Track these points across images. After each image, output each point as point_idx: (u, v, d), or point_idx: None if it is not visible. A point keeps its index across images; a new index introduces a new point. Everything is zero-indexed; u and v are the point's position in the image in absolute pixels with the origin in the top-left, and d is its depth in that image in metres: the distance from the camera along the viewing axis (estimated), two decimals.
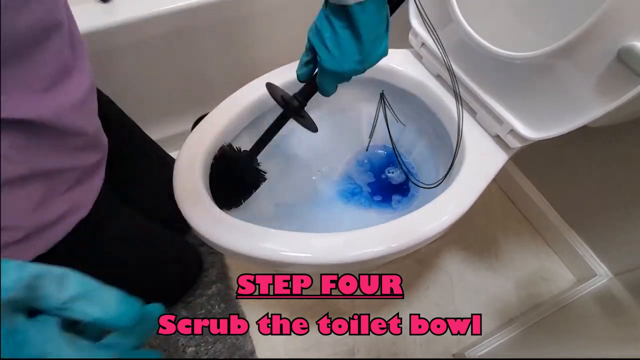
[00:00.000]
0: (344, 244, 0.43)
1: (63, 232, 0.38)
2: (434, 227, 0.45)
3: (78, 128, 0.35)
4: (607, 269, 0.76)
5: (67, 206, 0.37)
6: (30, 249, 0.35)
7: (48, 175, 0.34)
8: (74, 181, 0.38)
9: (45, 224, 0.35)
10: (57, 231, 0.37)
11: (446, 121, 0.56)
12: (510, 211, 0.91)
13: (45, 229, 0.36)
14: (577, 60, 0.40)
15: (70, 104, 0.33)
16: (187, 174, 0.48)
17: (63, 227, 0.38)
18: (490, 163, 0.50)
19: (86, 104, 0.36)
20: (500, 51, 0.45)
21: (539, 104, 0.46)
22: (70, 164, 0.36)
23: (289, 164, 0.67)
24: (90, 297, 0.17)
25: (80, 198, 0.39)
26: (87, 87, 0.36)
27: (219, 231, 0.43)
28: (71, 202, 0.38)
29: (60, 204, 0.36)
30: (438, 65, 0.57)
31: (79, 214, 0.39)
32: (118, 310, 0.17)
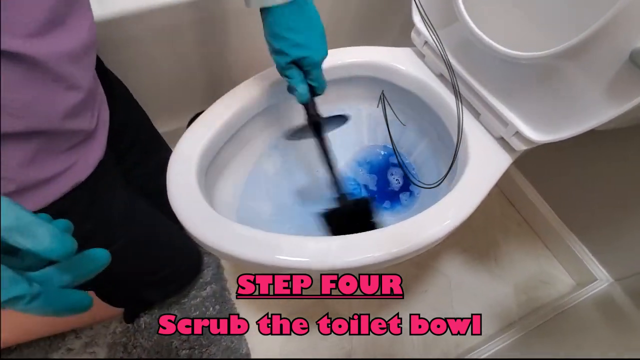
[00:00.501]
0: (341, 248, 0.41)
1: (57, 192, 0.39)
2: (436, 232, 0.43)
3: (74, 79, 0.35)
4: (608, 273, 0.75)
5: (62, 167, 0.38)
6: (23, 203, 0.35)
7: (42, 134, 0.35)
8: (69, 144, 0.38)
9: (39, 180, 0.36)
10: (51, 190, 0.38)
11: (448, 122, 0.55)
12: (509, 214, 0.90)
13: (39, 185, 0.37)
14: (587, 62, 0.38)
15: (64, 52, 0.33)
16: (181, 171, 0.46)
17: (57, 186, 0.38)
18: (493, 165, 0.49)
19: (83, 60, 0.36)
20: (506, 50, 0.44)
21: (545, 106, 0.44)
22: (66, 125, 0.36)
23: (287, 165, 0.65)
24: (24, 229, 0.18)
25: (77, 162, 0.40)
26: (83, 42, 0.36)
27: (211, 232, 0.41)
28: (67, 163, 0.38)
29: (55, 164, 0.37)
30: (441, 64, 0.55)
31: (75, 177, 0.40)
32: (50, 244, 0.19)
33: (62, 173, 0.38)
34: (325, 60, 0.44)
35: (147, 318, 0.74)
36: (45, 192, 0.38)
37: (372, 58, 0.58)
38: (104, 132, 0.45)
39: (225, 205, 0.55)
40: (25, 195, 0.36)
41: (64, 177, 0.39)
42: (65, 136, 0.38)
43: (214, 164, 0.53)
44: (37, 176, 0.36)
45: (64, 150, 0.38)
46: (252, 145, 0.60)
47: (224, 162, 0.56)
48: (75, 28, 0.35)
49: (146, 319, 0.74)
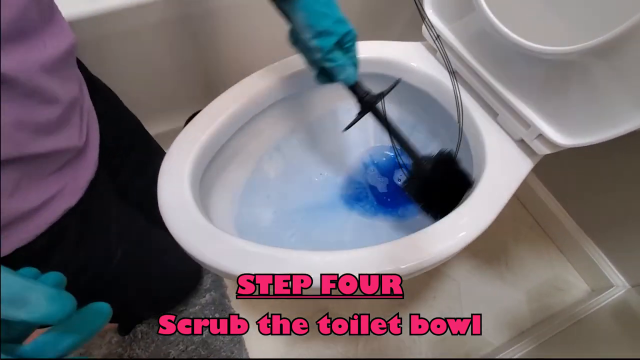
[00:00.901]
0: (349, 263, 0.38)
1: (45, 222, 0.35)
2: (450, 246, 0.40)
3: (50, 92, 0.31)
4: (625, 279, 0.72)
5: (49, 193, 0.34)
6: (8, 239, 0.33)
7: (21, 159, 0.31)
8: (55, 166, 0.35)
9: (24, 212, 0.32)
10: (38, 220, 0.34)
11: (463, 123, 0.51)
12: (521, 216, 0.86)
13: (24, 217, 0.33)
14: (619, 61, 0.34)
15: (37, 63, 0.30)
16: (174, 176, 0.43)
17: (45, 215, 0.35)
18: (513, 171, 0.45)
19: (61, 70, 0.33)
20: (529, 44, 0.40)
21: (572, 107, 0.40)
22: (46, 144, 0.32)
23: (289, 168, 0.61)
24: (14, 298, 0.16)
25: (66, 185, 0.36)
26: (60, 52, 0.32)
27: (208, 249, 0.38)
28: (54, 189, 0.35)
29: (41, 191, 0.34)
30: (454, 59, 0.51)
31: (64, 203, 0.36)
32: (47, 309, 0.16)
33: (49, 200, 0.34)
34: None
35: (144, 327, 0.71)
36: (33, 223, 0.34)
37: (382, 54, 0.54)
38: (95, 147, 0.41)
39: (223, 212, 0.51)
40: (9, 230, 0.32)
41: (52, 205, 0.35)
42: (48, 158, 0.33)
43: (210, 168, 0.49)
44: (21, 207, 0.32)
45: (49, 174, 0.34)
46: (251, 148, 0.57)
47: (221, 166, 0.52)
48: (48, 36, 0.31)
49: (143, 328, 0.71)
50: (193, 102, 0.77)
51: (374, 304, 0.74)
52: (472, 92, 0.51)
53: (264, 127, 0.56)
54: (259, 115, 0.54)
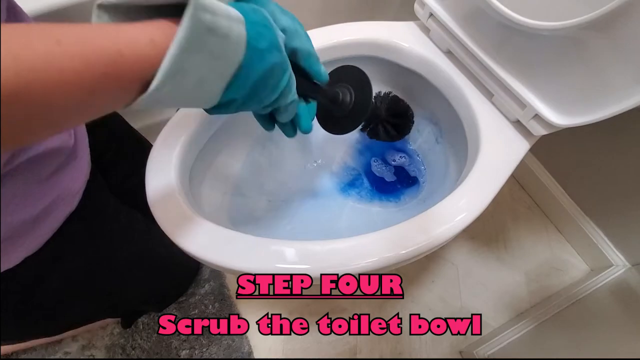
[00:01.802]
0: (348, 251, 0.37)
1: (49, 230, 0.35)
2: (449, 229, 0.39)
3: None
4: (624, 258, 0.71)
5: (48, 199, 0.34)
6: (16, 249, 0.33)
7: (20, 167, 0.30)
8: (51, 168, 0.34)
9: (26, 220, 0.32)
10: (43, 228, 0.34)
11: (458, 104, 0.50)
12: (519, 197, 0.85)
13: (28, 227, 0.33)
14: (618, 35, 0.33)
15: None
16: (161, 167, 0.42)
17: (48, 222, 0.35)
18: (509, 153, 0.44)
19: None
20: (524, 19, 0.38)
21: (568, 86, 0.39)
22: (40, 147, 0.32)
23: (282, 156, 0.60)
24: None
25: (63, 189, 0.36)
26: None
27: (199, 242, 0.37)
28: (53, 194, 0.34)
29: (40, 197, 0.33)
30: (448, 39, 0.50)
31: (65, 207, 0.36)
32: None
33: (50, 206, 0.34)
34: (318, 39, 0.37)
35: (146, 319, 0.72)
36: (38, 231, 0.34)
37: (371, 35, 0.53)
38: (85, 147, 0.40)
39: (215, 203, 0.51)
40: (15, 240, 0.32)
41: (53, 211, 0.35)
42: (43, 161, 0.32)
43: (200, 158, 0.48)
44: (23, 217, 0.32)
45: (46, 178, 0.33)
46: (242, 136, 0.55)
47: (212, 155, 0.52)
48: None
49: (144, 319, 0.72)
50: None
51: None
52: (467, 73, 0.50)
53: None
54: None
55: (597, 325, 0.63)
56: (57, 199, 0.35)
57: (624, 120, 0.58)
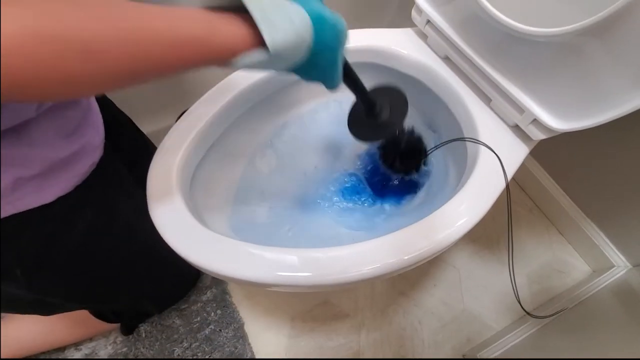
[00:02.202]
0: (351, 258, 0.37)
1: (78, 173, 0.40)
2: (450, 234, 0.39)
3: None
4: (626, 259, 0.72)
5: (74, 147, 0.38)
6: (53, 186, 0.37)
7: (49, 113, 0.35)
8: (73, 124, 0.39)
9: (59, 160, 0.37)
10: (72, 171, 0.39)
11: (456, 110, 0.50)
12: (520, 199, 0.86)
13: (61, 166, 0.37)
14: (614, 41, 0.33)
15: None
16: (163, 176, 0.42)
17: (78, 167, 0.40)
18: (509, 157, 0.44)
19: None
20: (520, 26, 0.39)
21: (566, 91, 0.39)
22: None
23: (282, 163, 0.61)
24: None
25: (86, 143, 0.40)
26: None
27: (199, 250, 0.37)
28: (78, 144, 0.39)
29: (67, 145, 0.38)
30: (446, 45, 0.50)
31: (90, 158, 0.41)
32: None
33: (77, 153, 0.39)
34: None
35: (147, 326, 0.72)
36: (69, 173, 0.39)
37: (369, 42, 0.53)
38: (97, 110, 0.44)
39: (216, 211, 0.51)
40: (50, 178, 0.37)
41: (80, 157, 0.39)
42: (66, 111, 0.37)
43: (202, 167, 0.49)
44: (58, 155, 0.36)
45: (72, 131, 0.38)
46: (242, 144, 0.56)
47: (213, 164, 0.52)
48: None
49: (146, 327, 0.72)
50: (184, 99, 0.76)
51: (375, 294, 0.75)
52: (465, 78, 0.50)
53: (254, 122, 0.56)
54: (249, 111, 0.53)
55: (600, 327, 0.62)
56: (84, 148, 0.40)
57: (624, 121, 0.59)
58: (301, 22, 0.28)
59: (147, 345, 0.71)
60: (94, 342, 0.71)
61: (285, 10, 0.27)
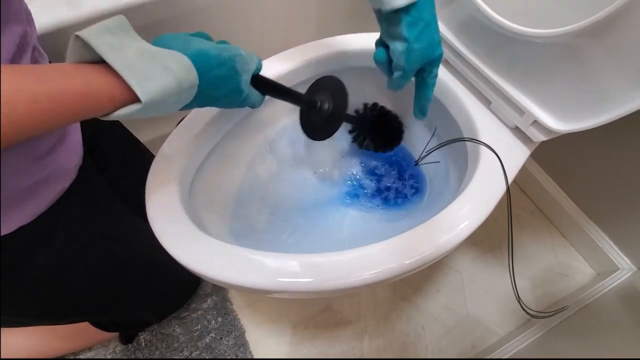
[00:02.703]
0: (353, 263, 0.36)
1: (45, 201, 0.38)
2: (452, 238, 0.39)
3: None
4: (630, 262, 0.71)
5: (43, 173, 0.37)
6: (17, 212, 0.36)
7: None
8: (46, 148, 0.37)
9: (23, 188, 0.35)
10: (39, 198, 0.37)
11: (456, 113, 0.50)
12: (522, 202, 0.85)
13: (26, 195, 0.36)
14: (613, 41, 0.33)
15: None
16: (162, 183, 0.42)
17: (45, 194, 0.38)
18: (510, 159, 0.44)
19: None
20: (519, 28, 0.39)
21: (566, 92, 0.39)
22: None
23: (282, 168, 0.60)
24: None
25: (56, 167, 0.38)
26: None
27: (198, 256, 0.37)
28: (47, 170, 0.37)
29: (35, 171, 0.36)
30: (444, 48, 0.50)
31: (60, 183, 0.39)
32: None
33: (47, 178, 0.37)
34: (317, 50, 0.39)
35: (147, 335, 0.71)
36: (34, 201, 0.37)
37: (367, 45, 0.53)
38: (76, 130, 0.42)
39: (216, 218, 0.51)
40: (13, 207, 0.35)
41: (50, 183, 0.38)
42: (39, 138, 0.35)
43: (201, 173, 0.48)
44: (22, 184, 0.35)
45: (43, 155, 0.36)
46: (241, 150, 0.56)
47: (212, 170, 0.52)
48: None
49: (146, 336, 0.71)
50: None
51: (377, 299, 0.74)
52: (464, 81, 0.50)
53: (253, 127, 0.56)
54: (248, 116, 0.53)
55: (606, 331, 0.62)
56: (53, 173, 0.38)
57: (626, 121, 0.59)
58: (180, 67, 0.29)
59: (146, 354, 0.70)
60: (93, 352, 0.70)
61: (160, 60, 0.28)
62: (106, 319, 0.63)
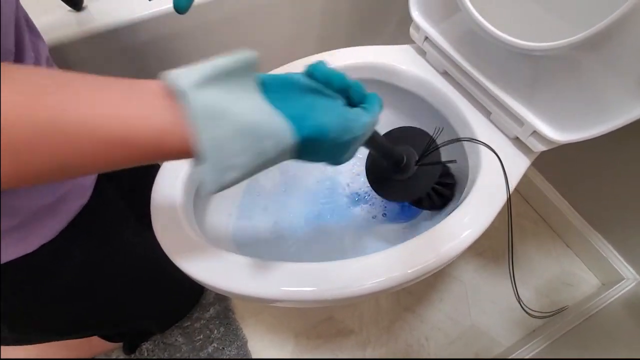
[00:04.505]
0: (355, 273, 0.37)
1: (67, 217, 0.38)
2: (455, 246, 0.39)
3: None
4: (635, 271, 0.70)
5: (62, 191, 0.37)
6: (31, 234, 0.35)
7: None
8: None
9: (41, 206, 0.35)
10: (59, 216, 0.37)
11: (457, 124, 0.51)
12: (525, 212, 0.85)
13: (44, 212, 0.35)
14: (610, 53, 0.34)
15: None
16: (167, 191, 0.43)
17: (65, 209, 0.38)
18: (511, 169, 0.44)
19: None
20: (516, 41, 0.40)
21: (565, 103, 0.40)
22: None
23: (285, 178, 0.61)
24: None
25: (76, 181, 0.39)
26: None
27: (200, 265, 0.37)
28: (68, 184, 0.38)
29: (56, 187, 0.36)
30: (444, 60, 0.51)
31: (78, 199, 0.39)
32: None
33: (65, 196, 0.37)
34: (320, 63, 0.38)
35: (150, 345, 0.71)
36: (54, 219, 0.37)
37: (369, 59, 0.54)
38: None
39: (219, 226, 0.51)
40: (34, 226, 0.35)
41: (67, 200, 0.38)
42: None
43: None
44: (41, 203, 0.35)
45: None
46: None
47: None
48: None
49: (149, 345, 0.71)
50: None
51: (380, 308, 0.74)
52: (464, 92, 0.51)
53: None
54: None
55: (611, 341, 0.61)
56: (72, 190, 0.38)
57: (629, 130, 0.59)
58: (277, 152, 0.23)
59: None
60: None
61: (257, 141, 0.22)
62: (113, 332, 0.64)
